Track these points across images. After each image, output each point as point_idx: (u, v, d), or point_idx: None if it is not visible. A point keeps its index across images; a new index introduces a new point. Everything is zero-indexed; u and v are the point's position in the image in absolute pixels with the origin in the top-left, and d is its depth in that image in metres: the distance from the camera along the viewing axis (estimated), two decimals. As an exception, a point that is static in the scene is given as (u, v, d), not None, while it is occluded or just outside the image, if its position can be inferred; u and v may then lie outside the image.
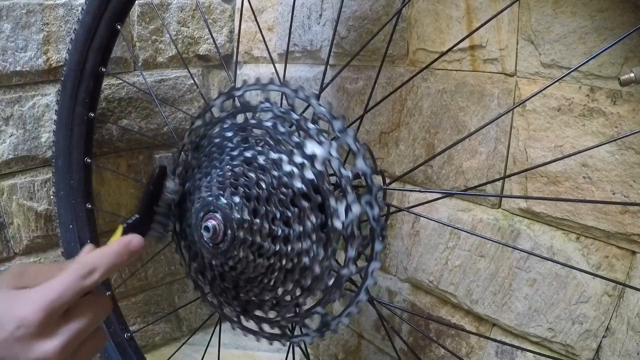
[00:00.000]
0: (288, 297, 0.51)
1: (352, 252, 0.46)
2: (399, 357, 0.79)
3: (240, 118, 0.54)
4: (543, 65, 0.59)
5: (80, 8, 0.78)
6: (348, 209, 0.45)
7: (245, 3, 0.93)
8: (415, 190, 0.77)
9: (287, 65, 0.92)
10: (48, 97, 0.85)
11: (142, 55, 0.95)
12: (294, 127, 0.50)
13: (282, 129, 0.49)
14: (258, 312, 0.54)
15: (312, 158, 0.46)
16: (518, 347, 0.66)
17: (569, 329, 0.61)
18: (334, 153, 0.46)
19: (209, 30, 0.82)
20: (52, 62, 0.84)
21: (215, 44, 0.95)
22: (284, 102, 0.52)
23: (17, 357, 0.38)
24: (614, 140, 0.53)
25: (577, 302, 0.59)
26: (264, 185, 0.46)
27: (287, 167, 0.46)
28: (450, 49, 0.52)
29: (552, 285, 0.61)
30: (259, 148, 0.48)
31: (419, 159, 0.75)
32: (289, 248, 0.46)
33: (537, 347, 0.65)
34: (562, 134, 0.58)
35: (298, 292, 0.50)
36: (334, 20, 0.82)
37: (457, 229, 0.70)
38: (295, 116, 0.49)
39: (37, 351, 0.38)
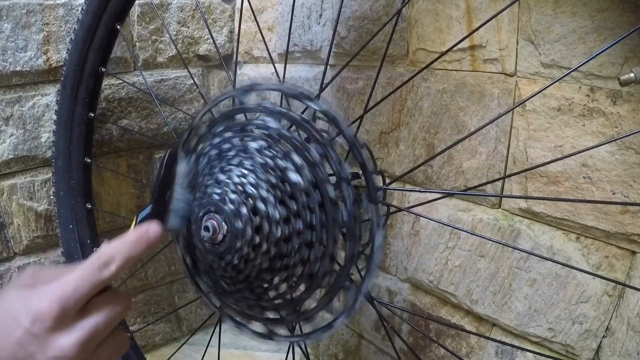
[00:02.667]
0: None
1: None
2: (399, 357, 0.79)
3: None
4: (543, 65, 0.59)
5: (80, 8, 0.78)
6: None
7: (245, 3, 0.93)
8: (415, 190, 0.77)
9: (287, 65, 0.92)
10: (48, 97, 0.85)
11: (142, 55, 0.95)
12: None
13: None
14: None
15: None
16: (518, 347, 0.66)
17: (569, 329, 0.61)
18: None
19: (209, 30, 0.82)
20: (52, 62, 0.84)
21: (215, 44, 0.95)
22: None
23: (33, 356, 0.37)
24: (614, 140, 0.53)
25: (577, 302, 0.59)
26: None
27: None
28: (450, 49, 0.52)
29: (552, 285, 0.61)
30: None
31: (419, 159, 0.75)
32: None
33: (537, 347, 0.65)
34: (562, 134, 0.58)
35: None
36: (334, 20, 0.82)
37: (457, 229, 0.70)
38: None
39: (54, 347, 0.37)
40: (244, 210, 0.44)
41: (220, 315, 0.55)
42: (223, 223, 0.45)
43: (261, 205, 0.44)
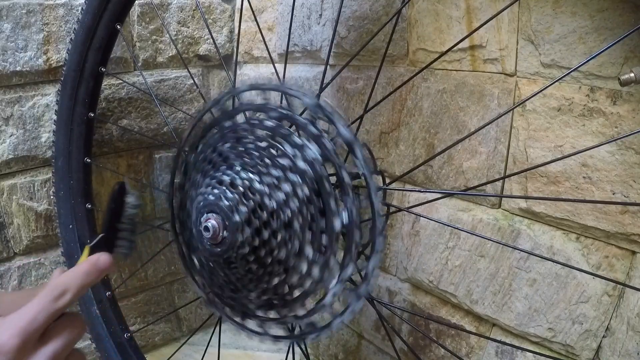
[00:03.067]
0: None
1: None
2: (399, 357, 0.79)
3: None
4: (543, 65, 0.59)
5: (80, 8, 0.78)
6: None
7: (245, 3, 0.93)
8: (415, 190, 0.77)
9: (287, 65, 0.92)
10: (48, 97, 0.85)
11: (142, 55, 0.95)
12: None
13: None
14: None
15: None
16: (518, 347, 0.66)
17: (569, 329, 0.61)
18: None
19: (209, 30, 0.82)
20: (52, 62, 0.84)
21: (215, 44, 0.95)
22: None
23: None
24: (614, 140, 0.53)
25: (577, 302, 0.59)
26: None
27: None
28: (450, 49, 0.52)
29: (552, 285, 0.61)
30: None
31: (419, 159, 0.75)
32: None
33: (537, 347, 0.65)
34: (562, 134, 0.58)
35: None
36: (334, 20, 0.82)
37: (457, 229, 0.70)
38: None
39: None
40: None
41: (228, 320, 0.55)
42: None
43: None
